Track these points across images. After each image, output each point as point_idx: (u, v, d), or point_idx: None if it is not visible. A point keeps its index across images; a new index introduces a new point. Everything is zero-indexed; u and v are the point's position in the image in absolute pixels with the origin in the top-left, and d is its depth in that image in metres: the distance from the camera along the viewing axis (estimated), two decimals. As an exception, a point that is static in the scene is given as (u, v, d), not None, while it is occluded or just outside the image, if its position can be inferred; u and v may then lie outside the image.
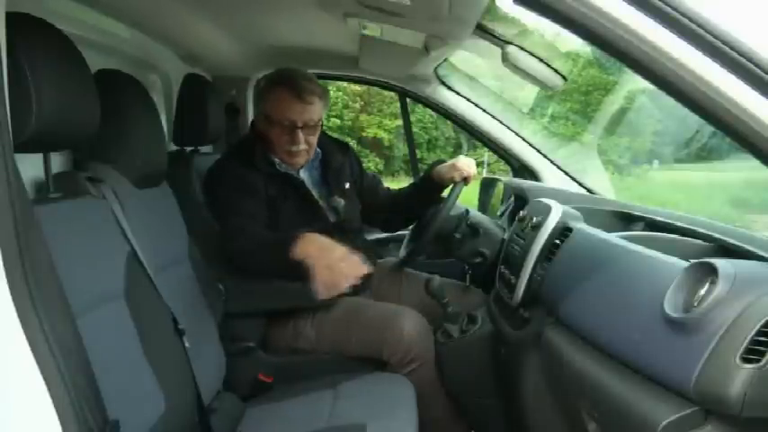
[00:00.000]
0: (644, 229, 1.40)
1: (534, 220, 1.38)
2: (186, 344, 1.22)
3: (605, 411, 0.94)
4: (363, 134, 13.11)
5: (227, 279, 1.58)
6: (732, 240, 1.10)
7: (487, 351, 1.58)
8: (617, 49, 0.76)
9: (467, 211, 1.80)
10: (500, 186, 2.20)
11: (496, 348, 1.54)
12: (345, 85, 11.36)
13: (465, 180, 1.76)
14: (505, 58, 1.73)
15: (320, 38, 2.01)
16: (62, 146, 1.09)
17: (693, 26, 0.73)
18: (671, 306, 0.81)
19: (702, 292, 0.78)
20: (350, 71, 2.38)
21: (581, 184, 2.25)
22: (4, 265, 0.69)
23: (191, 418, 1.22)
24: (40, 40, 0.90)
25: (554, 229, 1.31)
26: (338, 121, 12.89)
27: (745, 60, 0.73)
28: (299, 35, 1.98)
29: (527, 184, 2.03)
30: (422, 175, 1.94)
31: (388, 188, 2.00)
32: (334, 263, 1.33)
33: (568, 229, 1.27)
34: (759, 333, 0.71)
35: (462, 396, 1.64)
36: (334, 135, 2.07)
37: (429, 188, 1.85)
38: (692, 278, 0.81)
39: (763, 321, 0.71)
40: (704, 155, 4.45)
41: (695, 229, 1.23)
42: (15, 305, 0.69)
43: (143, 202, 1.26)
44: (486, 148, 2.49)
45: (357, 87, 12.04)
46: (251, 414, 1.44)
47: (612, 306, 0.98)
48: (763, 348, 0.71)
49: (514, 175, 2.33)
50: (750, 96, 0.73)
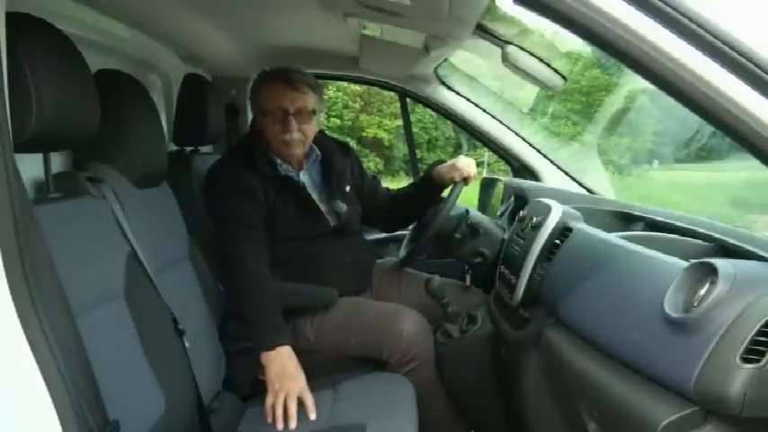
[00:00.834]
0: (644, 229, 1.40)
1: (534, 220, 1.38)
2: (186, 344, 1.22)
3: (605, 411, 0.94)
4: (363, 134, 13.12)
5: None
6: (732, 240, 1.10)
7: (487, 351, 1.58)
8: (617, 49, 0.76)
9: (467, 211, 1.80)
10: (500, 186, 2.20)
11: (496, 348, 1.54)
12: (345, 85, 11.38)
13: (465, 180, 1.76)
14: (505, 58, 1.73)
15: (320, 38, 2.01)
16: (62, 146, 1.09)
17: (693, 26, 0.73)
18: (671, 306, 0.81)
19: (702, 292, 0.78)
20: (350, 71, 2.38)
21: (581, 184, 2.25)
22: (4, 265, 0.69)
23: (191, 418, 1.22)
24: (40, 40, 0.90)
25: (554, 229, 1.31)
26: (338, 121, 12.89)
27: (745, 60, 0.73)
28: (299, 35, 1.99)
29: (527, 184, 2.03)
30: (422, 175, 1.94)
31: (388, 188, 2.00)
32: (287, 398, 1.36)
33: (568, 229, 1.27)
34: (759, 333, 0.71)
35: (462, 396, 1.64)
36: (334, 135, 2.07)
37: (429, 188, 1.85)
38: (692, 278, 0.81)
39: (763, 321, 0.71)
40: (704, 155, 4.45)
41: (695, 229, 1.23)
42: (15, 305, 0.69)
43: (143, 202, 1.26)
44: (486, 148, 2.49)
45: (357, 87, 12.04)
46: (251, 414, 1.44)
47: (612, 306, 0.98)
48: (763, 348, 0.71)
49: (514, 175, 2.33)
50: (750, 96, 0.73)
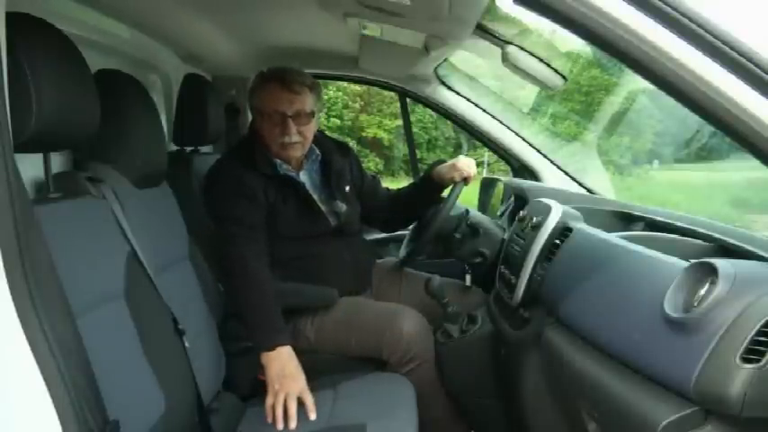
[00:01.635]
0: (644, 229, 1.40)
1: (534, 220, 1.38)
2: (186, 344, 1.22)
3: (605, 411, 0.94)
4: (363, 134, 13.12)
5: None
6: (732, 240, 1.10)
7: (487, 351, 1.58)
8: (617, 49, 0.76)
9: (467, 211, 1.80)
10: (500, 186, 2.20)
11: (496, 348, 1.54)
12: (345, 85, 11.38)
13: (465, 180, 1.76)
14: (505, 58, 1.73)
15: (320, 38, 2.01)
16: (62, 146, 1.09)
17: (693, 26, 0.73)
18: (671, 306, 0.81)
19: (702, 292, 0.78)
20: (350, 71, 2.38)
21: (581, 184, 2.25)
22: (4, 265, 0.69)
23: (191, 418, 1.22)
24: (40, 40, 0.90)
25: (554, 229, 1.31)
26: (338, 121, 12.90)
27: (745, 60, 0.73)
28: (299, 35, 1.99)
29: (527, 184, 2.03)
30: (422, 175, 1.94)
31: (388, 188, 2.00)
32: (287, 398, 1.36)
33: (568, 229, 1.27)
34: (759, 333, 0.71)
35: (462, 396, 1.64)
36: (334, 135, 2.07)
37: (429, 188, 1.85)
38: (692, 278, 0.81)
39: (763, 321, 0.71)
40: (704, 155, 4.45)
41: (695, 229, 1.23)
42: (15, 305, 0.69)
43: (143, 202, 1.26)
44: (486, 148, 2.49)
45: (357, 87, 12.05)
46: (251, 414, 1.44)
47: (612, 306, 0.98)
48: (763, 348, 0.71)
49: (514, 175, 2.33)
50: (750, 96, 0.73)
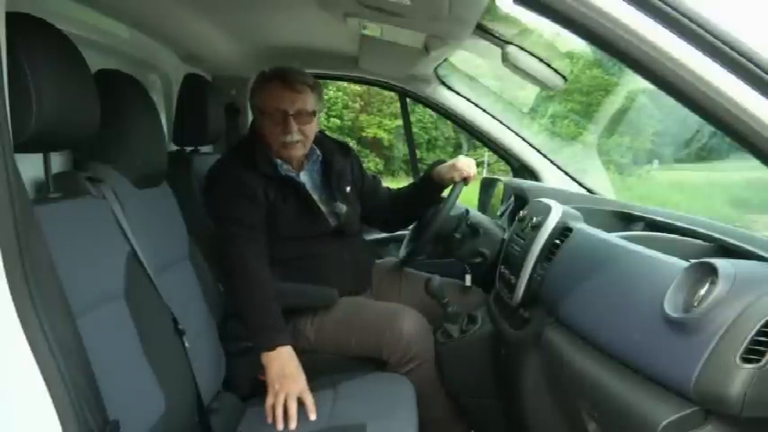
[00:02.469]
0: (644, 229, 1.40)
1: (534, 220, 1.38)
2: (186, 344, 1.22)
3: (605, 411, 0.94)
4: (363, 134, 13.12)
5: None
6: (732, 240, 1.10)
7: (487, 351, 1.58)
8: (617, 49, 0.76)
9: (467, 211, 1.80)
10: (500, 186, 2.20)
11: (496, 348, 1.54)
12: (345, 85, 11.38)
13: (465, 180, 1.76)
14: (505, 58, 1.73)
15: (320, 38, 2.01)
16: (62, 146, 1.09)
17: (693, 26, 0.73)
18: (671, 306, 0.81)
19: (702, 292, 0.78)
20: (350, 71, 2.38)
21: (581, 185, 2.25)
22: (4, 265, 0.69)
23: (191, 418, 1.22)
24: (40, 40, 0.90)
25: (554, 229, 1.31)
26: (338, 122, 12.90)
27: (745, 60, 0.73)
28: (299, 35, 1.98)
29: (527, 184, 2.03)
30: (422, 175, 1.94)
31: (388, 188, 2.00)
32: (287, 398, 1.36)
33: (568, 229, 1.27)
34: (759, 333, 0.71)
35: (462, 396, 1.64)
36: (334, 135, 2.07)
37: (429, 188, 1.85)
38: (692, 278, 0.81)
39: (763, 321, 0.71)
40: (704, 155, 4.45)
41: (695, 229, 1.23)
42: (15, 305, 0.69)
43: (143, 202, 1.26)
44: (486, 148, 2.49)
45: (357, 87, 12.04)
46: (251, 414, 1.44)
47: (612, 306, 0.98)
48: (763, 348, 0.71)
49: (514, 175, 2.33)
50: (750, 96, 0.73)
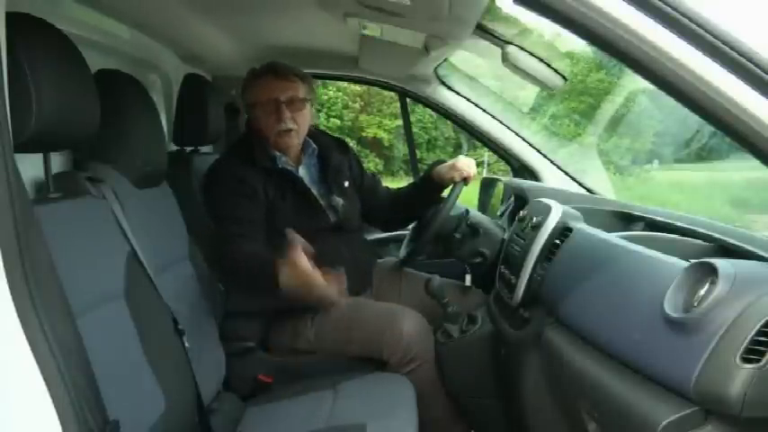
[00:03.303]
0: (644, 229, 1.40)
1: (534, 220, 1.38)
2: (186, 344, 1.22)
3: (605, 411, 0.94)
4: (363, 134, 13.12)
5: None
6: (732, 240, 1.09)
7: (487, 351, 1.58)
8: (617, 49, 0.76)
9: (467, 211, 1.80)
10: (500, 186, 2.20)
11: (496, 348, 1.54)
12: (345, 85, 11.38)
13: (465, 180, 1.76)
14: (505, 58, 1.73)
15: (320, 38, 2.01)
16: (62, 146, 1.09)
17: (693, 26, 0.73)
18: (671, 306, 0.81)
19: (702, 292, 0.78)
20: (350, 71, 2.38)
21: (581, 185, 2.25)
22: (4, 265, 0.69)
23: (191, 418, 1.22)
24: (40, 40, 0.90)
25: (554, 229, 1.31)
26: (338, 122, 12.90)
27: (745, 60, 0.73)
28: (299, 35, 1.99)
29: (527, 184, 2.03)
30: (422, 175, 1.94)
31: (388, 188, 2.00)
32: (316, 289, 1.40)
33: (568, 229, 1.27)
34: (759, 333, 0.71)
35: (462, 396, 1.64)
36: (334, 135, 2.07)
37: (429, 188, 1.85)
38: (692, 278, 0.81)
39: (763, 321, 0.71)
40: (704, 155, 4.45)
41: (695, 229, 1.22)
42: (15, 305, 0.69)
43: (143, 202, 1.26)
44: (486, 148, 2.49)
45: (357, 87, 12.04)
46: (251, 414, 1.44)
47: (612, 306, 0.98)
48: (763, 348, 0.71)
49: (514, 175, 2.33)
50: (750, 96, 0.73)
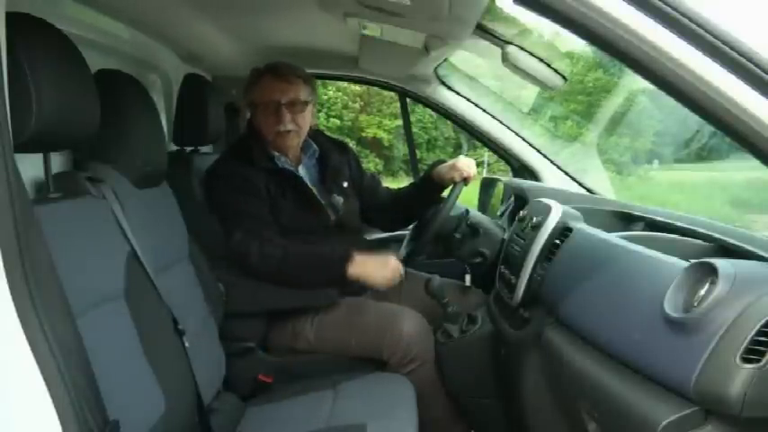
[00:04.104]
0: (644, 229, 1.40)
1: (534, 220, 1.38)
2: (186, 344, 1.22)
3: (605, 411, 0.94)
4: (363, 134, 13.11)
5: (227, 279, 1.58)
6: (732, 240, 1.09)
7: (487, 351, 1.58)
8: (617, 49, 0.76)
9: (467, 211, 1.80)
10: (500, 186, 2.20)
11: (496, 348, 1.54)
12: (345, 85, 11.37)
13: (465, 180, 1.76)
14: (505, 58, 1.73)
15: (320, 38, 2.01)
16: (62, 146, 1.09)
17: (693, 26, 0.73)
18: (671, 306, 0.81)
19: (702, 292, 0.78)
20: (350, 71, 2.38)
21: (581, 185, 2.25)
22: (4, 265, 0.69)
23: (191, 418, 1.22)
24: (40, 40, 0.90)
25: (554, 229, 1.31)
26: (338, 122, 12.89)
27: (745, 60, 0.73)
28: (299, 35, 1.99)
29: (527, 184, 2.03)
30: (422, 175, 1.94)
31: (388, 188, 2.00)
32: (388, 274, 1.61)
33: (568, 229, 1.27)
34: (759, 333, 0.71)
35: (462, 396, 1.64)
36: (334, 135, 2.07)
37: (429, 188, 1.85)
38: (692, 278, 0.81)
39: (763, 321, 0.71)
40: (704, 155, 4.45)
41: (695, 229, 1.22)
42: (15, 305, 0.69)
43: (143, 202, 1.26)
44: (486, 148, 2.49)
45: (357, 87, 12.04)
46: (251, 414, 1.44)
47: (612, 306, 0.98)
48: (763, 348, 0.71)
49: (514, 175, 2.33)
50: (750, 96, 0.73)
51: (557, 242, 1.28)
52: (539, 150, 2.28)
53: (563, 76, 1.81)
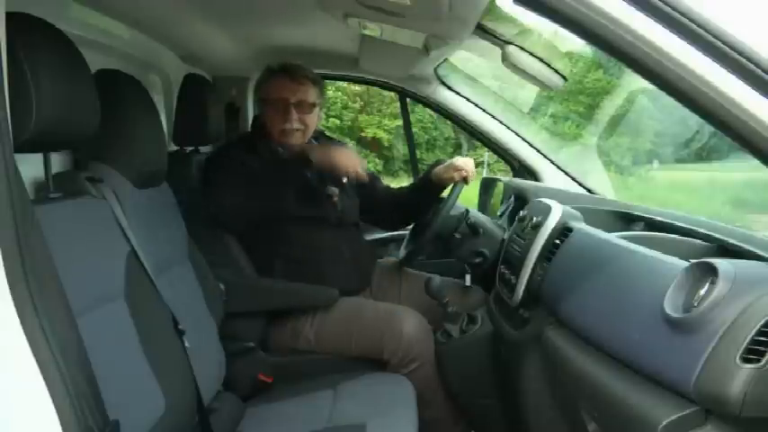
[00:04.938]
0: (644, 229, 1.40)
1: (534, 220, 1.38)
2: (186, 344, 1.22)
3: (605, 411, 0.94)
4: (363, 134, 13.11)
5: (227, 279, 1.58)
6: (732, 240, 1.09)
7: (487, 351, 1.58)
8: (617, 49, 0.76)
9: (467, 211, 1.80)
10: (500, 186, 2.20)
11: (496, 348, 1.54)
12: (345, 85, 11.37)
13: (464, 180, 1.76)
14: (505, 58, 1.73)
15: (320, 38, 2.01)
16: (62, 146, 1.09)
17: (693, 26, 0.73)
18: (671, 306, 0.81)
19: (702, 292, 0.78)
20: (350, 71, 2.38)
21: (581, 185, 2.25)
22: (4, 265, 0.69)
23: (191, 418, 1.22)
24: (40, 40, 0.90)
25: (554, 229, 1.31)
26: (337, 122, 12.89)
27: (745, 60, 0.73)
28: (299, 35, 1.98)
29: (527, 184, 2.03)
30: (421, 175, 1.94)
31: (388, 187, 2.01)
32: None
33: (568, 229, 1.27)
34: (759, 333, 0.71)
35: (462, 396, 1.64)
36: (334, 135, 2.08)
37: (428, 189, 1.85)
38: (691, 278, 0.81)
39: (763, 321, 0.71)
40: (704, 155, 4.45)
41: (695, 229, 1.22)
42: (15, 305, 0.69)
43: (143, 203, 1.26)
44: (487, 148, 2.49)
45: (357, 87, 12.04)
46: (251, 414, 1.44)
47: (612, 306, 0.98)
48: (763, 348, 0.71)
49: (514, 175, 2.33)
50: (750, 96, 0.73)
51: (557, 242, 1.28)
52: (539, 150, 2.28)
53: (563, 76, 1.81)
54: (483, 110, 2.30)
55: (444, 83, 2.31)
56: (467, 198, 1.91)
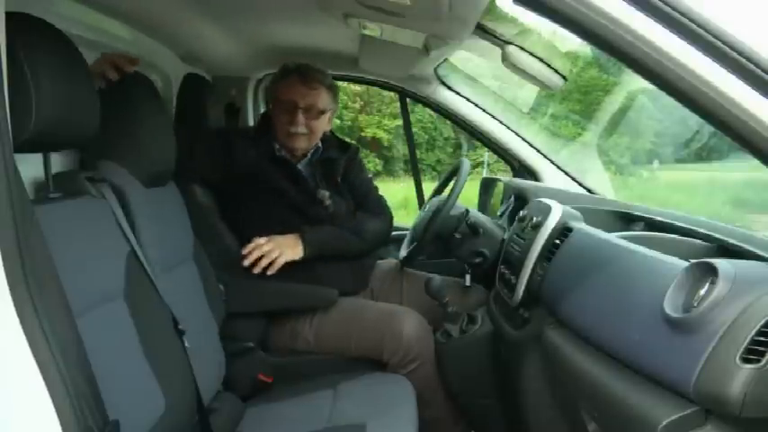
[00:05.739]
0: (644, 229, 1.40)
1: (534, 220, 1.38)
2: (186, 344, 1.22)
3: (605, 411, 0.94)
4: (363, 134, 13.10)
5: (227, 279, 1.58)
6: (732, 240, 1.09)
7: (487, 351, 1.58)
8: (617, 49, 0.76)
9: (467, 211, 1.80)
10: (500, 186, 2.20)
11: (496, 348, 1.54)
12: (345, 85, 11.36)
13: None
14: (505, 58, 1.73)
15: (320, 38, 2.01)
16: (62, 146, 1.09)
17: (693, 26, 0.73)
18: (671, 306, 0.81)
19: (702, 292, 0.78)
20: (350, 71, 2.37)
21: (581, 185, 2.25)
22: (4, 265, 0.69)
23: (191, 418, 1.22)
24: (40, 40, 0.90)
25: (554, 229, 1.31)
26: (337, 121, 12.84)
27: (745, 60, 0.73)
28: (299, 35, 1.98)
29: (527, 184, 2.03)
30: None
31: (381, 197, 1.98)
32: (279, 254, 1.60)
33: (568, 229, 1.27)
34: (759, 333, 0.71)
35: (462, 396, 1.64)
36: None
37: None
38: (691, 278, 0.81)
39: (763, 321, 0.71)
40: (704, 155, 4.45)
41: (695, 229, 1.22)
42: (15, 305, 0.69)
43: (151, 202, 1.26)
44: (486, 148, 2.49)
45: (357, 87, 12.01)
46: (251, 414, 1.44)
47: (612, 306, 0.98)
48: (763, 348, 0.71)
49: (514, 175, 2.33)
50: (750, 96, 0.73)
51: (557, 242, 1.28)
52: (539, 150, 2.28)
53: (563, 76, 1.81)
54: (483, 110, 2.30)
55: (444, 83, 2.31)
56: (467, 198, 1.91)
